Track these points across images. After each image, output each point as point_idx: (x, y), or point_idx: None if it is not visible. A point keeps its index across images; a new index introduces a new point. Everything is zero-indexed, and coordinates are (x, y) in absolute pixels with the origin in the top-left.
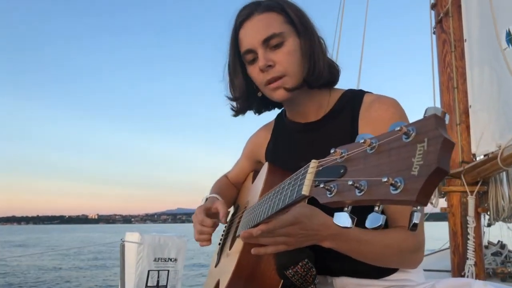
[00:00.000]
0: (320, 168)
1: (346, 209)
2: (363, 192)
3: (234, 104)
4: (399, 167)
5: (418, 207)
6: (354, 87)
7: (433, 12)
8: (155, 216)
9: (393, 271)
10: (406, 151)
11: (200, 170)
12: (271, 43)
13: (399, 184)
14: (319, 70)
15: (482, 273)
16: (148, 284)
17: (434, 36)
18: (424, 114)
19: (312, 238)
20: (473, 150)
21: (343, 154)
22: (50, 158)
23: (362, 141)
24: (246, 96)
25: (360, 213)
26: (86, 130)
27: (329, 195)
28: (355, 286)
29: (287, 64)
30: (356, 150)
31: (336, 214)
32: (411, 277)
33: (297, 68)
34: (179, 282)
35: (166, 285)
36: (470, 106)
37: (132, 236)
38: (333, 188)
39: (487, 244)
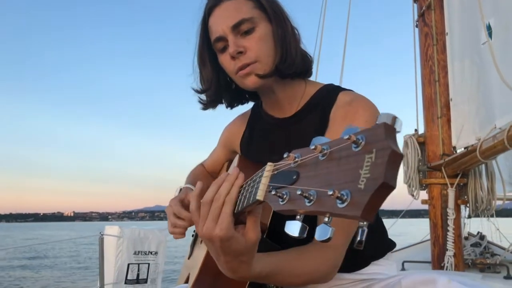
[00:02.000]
0: (275, 172)
1: (298, 217)
2: (312, 202)
3: (203, 97)
4: (346, 178)
5: (364, 223)
6: (337, 82)
7: (415, 5)
8: (133, 213)
9: (364, 264)
10: (355, 161)
11: (179, 166)
12: (242, 28)
13: (345, 197)
14: (291, 58)
15: (461, 264)
16: (128, 278)
17: (416, 30)
18: (377, 121)
19: (224, 266)
20: (454, 142)
21: (296, 159)
22: (23, 154)
23: (313, 147)
24: (216, 88)
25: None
26: (61, 125)
27: (281, 203)
28: None
29: (259, 50)
30: (309, 156)
31: (288, 223)
32: (383, 270)
33: (268, 54)
34: (160, 275)
35: (147, 278)
36: (451, 99)
37: (111, 229)
38: (285, 195)
39: (467, 235)
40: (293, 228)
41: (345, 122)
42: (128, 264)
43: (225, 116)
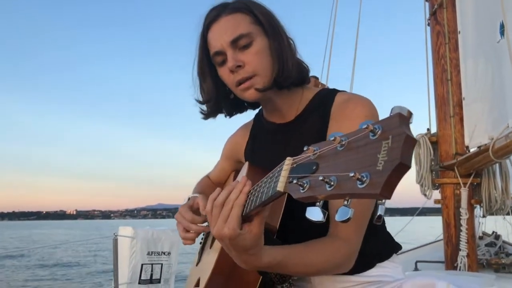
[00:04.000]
0: (295, 165)
1: (318, 204)
2: (332, 187)
3: (204, 107)
4: (365, 163)
5: (383, 200)
6: (349, 81)
7: (427, 3)
8: (135, 212)
9: (369, 266)
10: (372, 147)
11: (181, 165)
12: (240, 43)
13: (365, 178)
14: (288, 70)
15: (475, 264)
16: (142, 278)
17: (428, 28)
18: (390, 113)
19: (238, 259)
20: (467, 142)
21: (315, 151)
22: (27, 152)
23: (333, 138)
24: (216, 99)
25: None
26: (64, 123)
27: (301, 191)
28: (332, 282)
29: (257, 64)
30: (327, 147)
31: (309, 209)
32: (388, 272)
33: (266, 67)
34: (173, 276)
35: (160, 279)
36: (464, 98)
37: (125, 230)
38: (305, 184)
39: (481, 235)
40: (315, 213)
41: (345, 118)
42: (142, 265)
43: (226, 118)
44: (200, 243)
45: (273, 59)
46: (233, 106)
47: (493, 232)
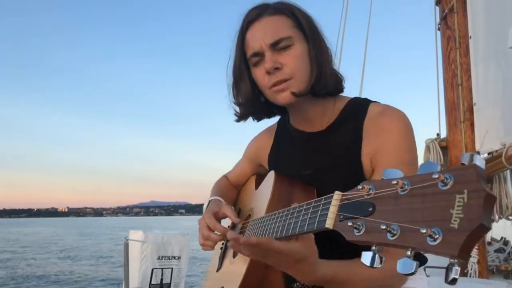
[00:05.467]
0: (346, 201)
1: (374, 248)
2: (395, 237)
3: (238, 109)
4: (435, 216)
5: (456, 261)
6: (358, 86)
7: (437, 8)
8: (127, 209)
9: None
10: (443, 199)
11: (174, 162)
12: (279, 46)
13: (437, 235)
14: (325, 78)
15: (485, 271)
16: (152, 282)
17: (438, 33)
18: (462, 160)
19: (294, 273)
20: (477, 147)
21: (371, 191)
22: (17, 149)
23: (395, 182)
24: (252, 101)
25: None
26: (55, 120)
27: (356, 233)
28: None
29: (295, 67)
30: (387, 190)
31: (364, 254)
32: (413, 284)
33: (304, 72)
34: (183, 280)
35: (170, 283)
36: (475, 103)
37: (135, 234)
38: (361, 227)
39: (490, 240)
40: (373, 260)
41: (381, 132)
42: (152, 269)
43: (218, 118)
44: (221, 248)
45: (311, 65)
46: (263, 110)
47: (502, 237)
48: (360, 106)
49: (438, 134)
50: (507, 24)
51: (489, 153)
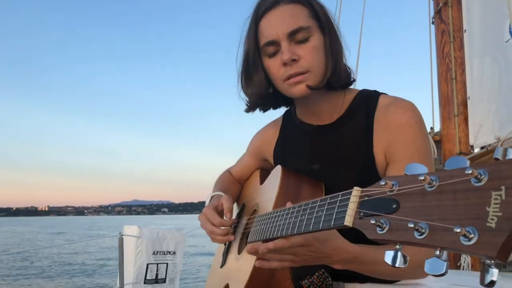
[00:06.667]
0: (365, 198)
1: (397, 246)
2: (424, 236)
3: (249, 99)
4: (469, 214)
5: (493, 262)
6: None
7: (432, 2)
8: (110, 208)
9: None
10: (477, 197)
11: (158, 161)
12: (297, 37)
13: (472, 235)
14: (339, 71)
15: (478, 264)
16: (147, 278)
17: (433, 27)
18: (495, 155)
19: (321, 260)
20: (471, 141)
21: (394, 187)
22: None
23: (423, 178)
24: (264, 92)
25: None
26: (35, 117)
27: (380, 231)
28: None
29: (312, 60)
30: (413, 186)
31: (388, 253)
32: (424, 281)
33: (320, 65)
34: (178, 275)
35: (165, 278)
36: (469, 97)
37: (130, 229)
38: (384, 225)
39: None
40: (397, 260)
41: (394, 124)
42: (147, 264)
43: (202, 117)
44: (225, 244)
45: (327, 58)
46: (271, 101)
47: None
48: (370, 98)
49: (432, 128)
50: (503, 18)
51: (482, 147)
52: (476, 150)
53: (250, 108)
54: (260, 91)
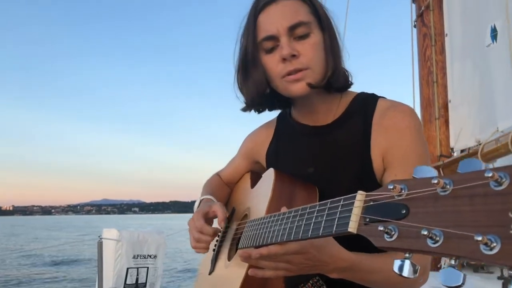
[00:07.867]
0: (371, 202)
1: (407, 255)
2: (438, 244)
3: (245, 98)
4: (490, 221)
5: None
6: None
7: (414, 5)
8: (78, 207)
9: None
10: (499, 202)
11: (129, 160)
12: (297, 32)
13: (494, 243)
14: (338, 71)
15: (459, 265)
16: (127, 282)
17: (415, 30)
18: None
19: (318, 268)
20: (452, 144)
21: (402, 191)
22: None
23: (436, 181)
24: (264, 89)
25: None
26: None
27: (388, 239)
28: None
29: (312, 57)
30: (425, 190)
31: (397, 262)
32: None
33: (320, 63)
34: (159, 279)
35: (146, 283)
36: (450, 100)
37: (109, 232)
38: (392, 231)
39: None
40: (407, 270)
41: (392, 127)
42: (127, 269)
43: (173, 115)
44: (213, 250)
45: (327, 57)
46: (267, 101)
47: None
48: (368, 100)
49: None
50: (484, 22)
51: (462, 150)
52: (456, 153)
53: (248, 106)
54: (259, 88)
